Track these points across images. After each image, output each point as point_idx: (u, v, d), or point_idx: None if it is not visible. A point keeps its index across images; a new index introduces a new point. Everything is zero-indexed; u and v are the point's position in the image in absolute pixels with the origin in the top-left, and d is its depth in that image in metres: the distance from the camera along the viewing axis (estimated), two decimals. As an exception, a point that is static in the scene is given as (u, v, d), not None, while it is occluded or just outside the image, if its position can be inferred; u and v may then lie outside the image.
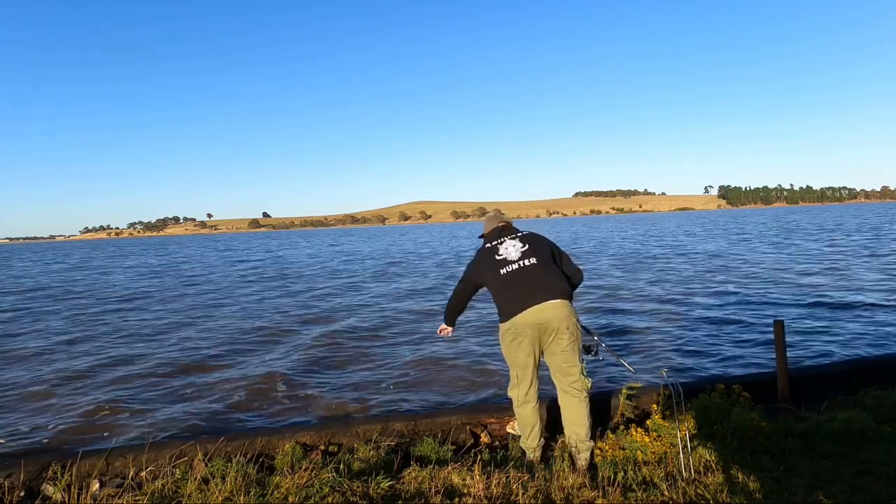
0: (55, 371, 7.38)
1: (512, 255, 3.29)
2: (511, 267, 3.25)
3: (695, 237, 35.59)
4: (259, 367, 7.13)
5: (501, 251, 3.33)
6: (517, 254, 3.28)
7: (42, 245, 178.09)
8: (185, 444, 3.50)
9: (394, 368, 6.85)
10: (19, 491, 3.11)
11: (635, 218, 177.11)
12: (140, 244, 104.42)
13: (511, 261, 3.27)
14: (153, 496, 2.80)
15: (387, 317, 10.59)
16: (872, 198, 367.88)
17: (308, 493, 2.74)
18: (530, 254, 3.29)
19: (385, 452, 3.40)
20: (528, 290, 3.18)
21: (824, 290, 11.30)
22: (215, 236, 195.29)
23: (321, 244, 55.56)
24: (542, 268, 3.25)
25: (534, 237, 3.45)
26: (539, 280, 3.20)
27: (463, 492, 2.77)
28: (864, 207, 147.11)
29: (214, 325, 10.55)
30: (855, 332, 7.67)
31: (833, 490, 2.64)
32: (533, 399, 3.35)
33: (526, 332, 3.19)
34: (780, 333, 3.85)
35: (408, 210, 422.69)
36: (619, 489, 2.73)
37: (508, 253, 3.31)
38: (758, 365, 6.29)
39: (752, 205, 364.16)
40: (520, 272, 3.23)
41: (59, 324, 11.51)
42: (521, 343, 3.22)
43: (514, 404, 3.42)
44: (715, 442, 3.19)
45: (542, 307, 3.15)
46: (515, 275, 3.23)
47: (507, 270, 3.25)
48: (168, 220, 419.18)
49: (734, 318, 8.87)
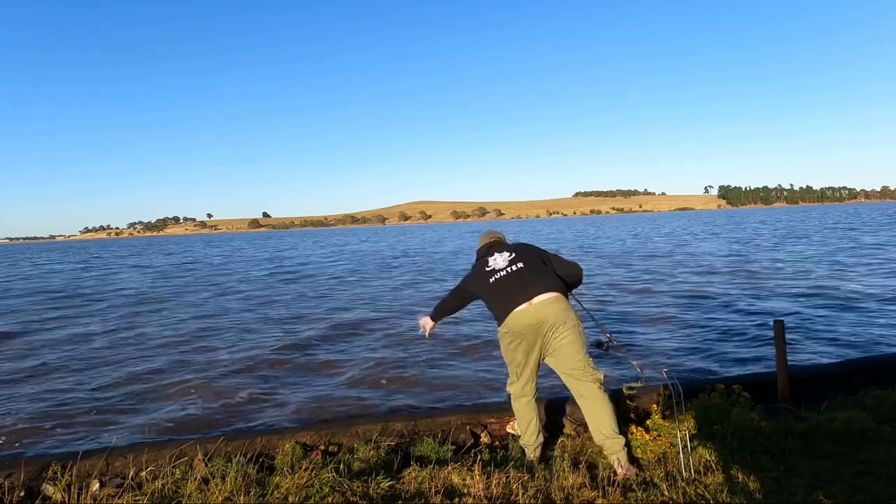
0: (55, 371, 7.38)
1: (500, 265, 3.44)
2: (499, 274, 3.39)
3: (697, 236, 35.61)
4: (261, 367, 7.14)
5: (490, 263, 3.49)
6: (504, 262, 3.44)
7: (43, 245, 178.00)
8: (185, 444, 3.50)
9: (395, 368, 6.85)
10: (19, 491, 3.11)
11: (637, 218, 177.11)
12: (144, 244, 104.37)
13: (499, 269, 3.42)
14: (153, 496, 2.80)
15: (391, 314, 10.60)
16: (872, 198, 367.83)
17: (308, 493, 2.74)
18: (517, 260, 3.42)
19: (385, 452, 3.40)
20: (518, 289, 3.27)
21: (825, 290, 11.29)
22: (219, 236, 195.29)
23: (353, 240, 55.47)
24: (529, 268, 3.36)
25: (520, 246, 3.60)
26: (526, 278, 3.30)
27: (463, 492, 2.77)
28: (864, 207, 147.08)
29: (218, 325, 10.56)
30: (855, 332, 7.67)
31: (833, 490, 2.64)
32: (529, 394, 3.39)
33: (523, 334, 3.22)
34: (780, 333, 3.85)
35: (408, 210, 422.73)
36: (619, 489, 2.73)
37: (497, 263, 3.47)
38: (758, 365, 6.29)
39: (752, 205, 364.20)
40: (507, 276, 3.36)
41: (84, 322, 11.51)
42: (518, 345, 3.28)
43: (511, 398, 3.50)
44: (715, 442, 3.19)
45: (536, 306, 3.17)
46: (503, 280, 3.35)
47: (495, 278, 3.39)
48: (168, 220, 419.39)
49: (734, 318, 8.87)
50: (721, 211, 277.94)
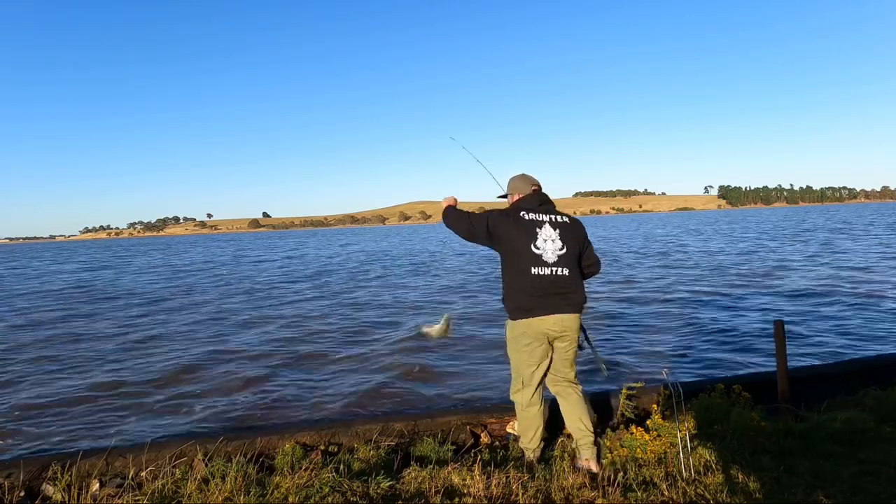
0: (55, 370, 7.38)
1: (549, 256, 3.08)
2: (544, 270, 3.07)
3: (699, 236, 35.59)
4: (261, 367, 7.14)
5: (540, 239, 3.10)
6: (553, 256, 3.09)
7: (43, 245, 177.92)
8: (185, 444, 3.49)
9: (395, 367, 6.85)
10: (19, 491, 3.11)
11: (637, 218, 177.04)
12: (144, 244, 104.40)
13: (547, 262, 3.08)
14: (153, 496, 2.80)
15: (396, 312, 10.60)
16: (872, 198, 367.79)
17: (308, 493, 2.73)
18: (565, 262, 3.11)
19: (385, 452, 3.40)
20: (554, 300, 3.07)
21: (826, 290, 11.29)
22: (218, 236, 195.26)
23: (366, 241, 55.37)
24: (571, 279, 3.13)
25: (571, 231, 3.20)
26: (570, 287, 3.10)
27: (463, 492, 2.77)
28: (864, 207, 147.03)
29: (219, 324, 10.56)
30: (856, 332, 7.67)
31: (833, 490, 2.64)
32: (538, 402, 3.29)
33: (542, 338, 3.12)
34: (780, 333, 3.85)
35: (408, 210, 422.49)
36: (619, 489, 2.73)
37: (546, 249, 3.09)
38: (758, 365, 6.29)
39: (752, 205, 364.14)
40: (550, 280, 3.07)
41: (78, 323, 11.51)
42: (536, 349, 3.14)
43: (518, 407, 3.33)
44: (715, 442, 3.19)
45: (562, 317, 3.09)
46: (545, 280, 3.06)
47: (539, 272, 3.07)
48: (168, 220, 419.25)
49: (734, 318, 8.87)
50: (721, 211, 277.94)
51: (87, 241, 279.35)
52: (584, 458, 3.15)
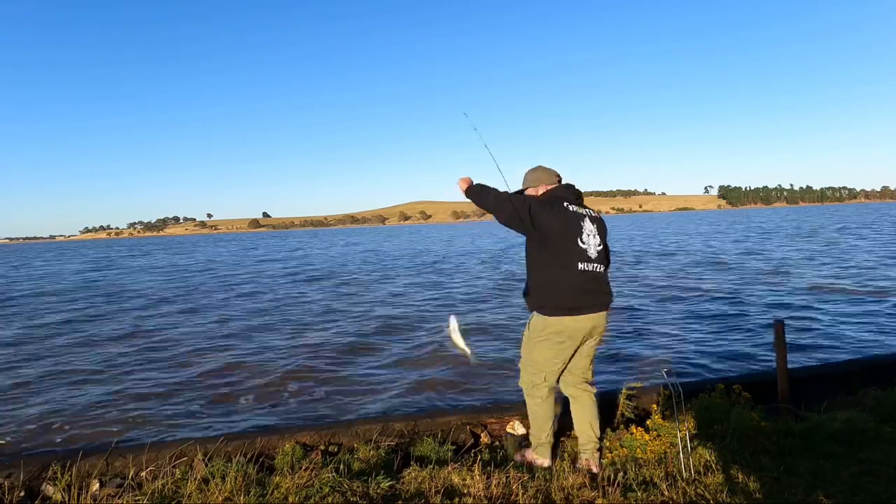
0: (54, 370, 7.38)
1: (592, 252, 2.98)
2: (588, 266, 2.96)
3: (699, 236, 35.58)
4: (261, 367, 7.14)
5: (585, 233, 2.98)
6: (594, 252, 3.00)
7: (44, 245, 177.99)
8: (185, 444, 3.50)
9: (395, 367, 6.85)
10: (19, 491, 3.11)
11: (637, 218, 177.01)
12: (146, 244, 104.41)
13: (591, 258, 2.98)
14: (153, 496, 2.80)
15: (406, 312, 10.60)
16: (872, 198, 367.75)
17: (308, 493, 2.73)
18: (602, 259, 3.07)
19: (385, 452, 3.40)
20: (596, 297, 3.02)
21: (826, 290, 11.29)
22: (220, 236, 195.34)
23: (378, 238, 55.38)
24: (606, 276, 3.11)
25: (603, 227, 3.15)
26: (603, 286, 3.06)
27: (463, 492, 2.77)
28: (864, 207, 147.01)
29: (218, 324, 10.56)
30: (856, 331, 7.67)
31: (833, 490, 2.64)
32: (553, 393, 3.25)
33: (578, 337, 3.04)
34: (780, 334, 3.85)
35: (408, 210, 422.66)
36: (619, 489, 2.73)
37: (589, 244, 2.99)
38: (758, 364, 6.29)
39: (752, 205, 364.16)
40: (592, 276, 2.99)
41: (70, 323, 11.51)
42: (569, 347, 3.07)
43: (536, 401, 3.21)
44: (715, 442, 3.19)
45: (598, 315, 3.05)
46: (588, 277, 2.97)
47: (584, 268, 2.96)
48: (168, 220, 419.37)
49: (735, 318, 8.87)
50: (722, 211, 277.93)
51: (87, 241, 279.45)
52: (584, 459, 3.16)
